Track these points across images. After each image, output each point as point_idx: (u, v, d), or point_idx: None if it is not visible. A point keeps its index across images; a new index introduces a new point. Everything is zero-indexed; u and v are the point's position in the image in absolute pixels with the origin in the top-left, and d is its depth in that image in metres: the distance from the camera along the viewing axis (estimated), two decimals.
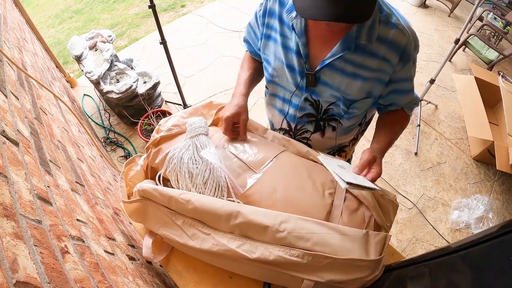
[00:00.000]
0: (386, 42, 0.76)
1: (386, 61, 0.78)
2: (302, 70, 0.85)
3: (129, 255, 0.90)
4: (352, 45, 0.76)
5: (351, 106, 0.86)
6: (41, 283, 0.43)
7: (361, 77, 0.81)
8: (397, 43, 0.76)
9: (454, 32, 3.83)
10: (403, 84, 0.85)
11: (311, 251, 0.73)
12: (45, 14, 4.14)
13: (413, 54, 0.80)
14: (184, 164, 0.85)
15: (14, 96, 0.76)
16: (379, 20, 0.75)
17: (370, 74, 0.80)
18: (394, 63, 0.79)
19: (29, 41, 1.64)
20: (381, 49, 0.77)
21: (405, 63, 0.80)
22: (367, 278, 0.75)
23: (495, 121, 2.71)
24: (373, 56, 0.78)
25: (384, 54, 0.77)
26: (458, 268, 0.63)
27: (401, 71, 0.81)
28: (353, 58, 0.78)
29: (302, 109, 0.93)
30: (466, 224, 2.07)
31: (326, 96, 0.87)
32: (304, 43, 0.81)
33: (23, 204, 0.51)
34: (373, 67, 0.79)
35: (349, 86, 0.82)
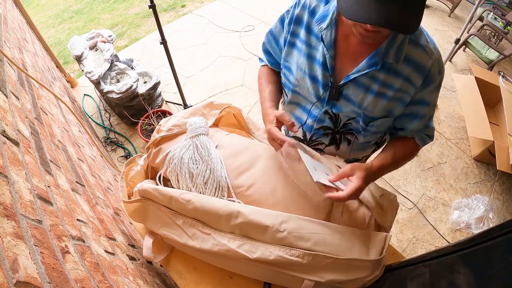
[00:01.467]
0: (411, 62, 0.74)
1: (409, 82, 0.76)
2: (327, 83, 0.82)
3: (130, 255, 0.90)
4: (379, 62, 0.73)
5: (370, 124, 0.84)
6: (42, 283, 0.43)
7: (384, 96, 0.78)
8: (422, 65, 0.74)
9: (454, 32, 3.83)
10: (421, 108, 0.82)
11: (312, 251, 0.73)
12: (45, 14, 4.14)
13: (437, 78, 0.77)
14: (184, 164, 0.85)
15: (15, 96, 0.76)
16: (408, 39, 0.73)
17: (393, 93, 0.78)
18: (417, 85, 0.76)
19: (30, 41, 1.64)
20: (406, 69, 0.75)
21: (427, 85, 0.77)
22: (368, 278, 0.75)
23: (495, 121, 2.70)
24: (398, 76, 0.76)
25: (408, 74, 0.75)
26: (458, 268, 0.63)
27: (421, 93, 0.78)
28: (379, 76, 0.76)
29: (321, 121, 0.90)
30: (467, 224, 2.06)
31: (347, 111, 0.84)
32: (332, 55, 0.78)
33: (23, 204, 0.51)
34: (397, 87, 0.77)
35: (372, 104, 0.80)
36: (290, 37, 0.86)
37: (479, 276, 0.56)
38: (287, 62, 0.89)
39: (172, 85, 2.26)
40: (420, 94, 0.78)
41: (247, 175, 0.85)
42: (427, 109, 0.82)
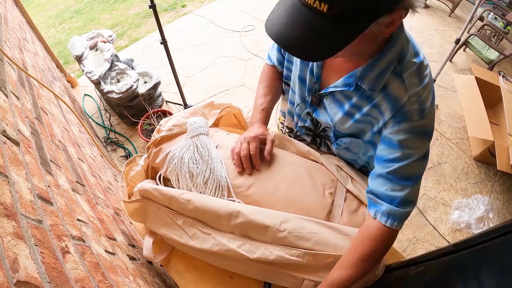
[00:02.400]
0: (385, 90, 0.67)
1: (378, 109, 0.70)
2: (311, 88, 0.84)
3: (130, 255, 0.90)
4: (353, 85, 0.70)
5: (339, 139, 0.86)
6: (42, 282, 0.43)
7: (352, 116, 0.76)
8: (394, 97, 0.66)
9: (454, 32, 3.82)
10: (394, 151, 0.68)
11: (312, 251, 0.73)
12: (45, 14, 4.15)
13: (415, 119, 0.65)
14: (184, 164, 0.85)
15: (15, 96, 0.76)
16: (393, 69, 0.65)
17: (360, 116, 0.74)
18: (386, 117, 0.68)
19: (30, 41, 1.64)
20: (377, 95, 0.69)
21: (399, 122, 0.66)
22: (368, 278, 0.75)
23: (495, 121, 2.70)
24: (368, 101, 0.71)
25: (378, 102, 0.69)
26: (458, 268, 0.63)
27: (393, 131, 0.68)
28: (353, 96, 0.73)
29: (303, 121, 0.94)
30: (467, 224, 2.06)
31: (323, 120, 0.87)
32: (319, 64, 0.79)
33: (23, 204, 0.51)
34: (365, 111, 0.72)
35: (341, 121, 0.79)
36: None
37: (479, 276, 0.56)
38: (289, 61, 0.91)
39: (172, 85, 2.26)
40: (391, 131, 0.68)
41: (247, 175, 0.85)
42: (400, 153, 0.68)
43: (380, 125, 0.71)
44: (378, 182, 0.72)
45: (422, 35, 3.73)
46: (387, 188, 0.70)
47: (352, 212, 0.83)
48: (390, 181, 0.70)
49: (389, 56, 0.64)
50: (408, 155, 0.67)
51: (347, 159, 0.94)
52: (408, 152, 0.67)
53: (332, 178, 0.87)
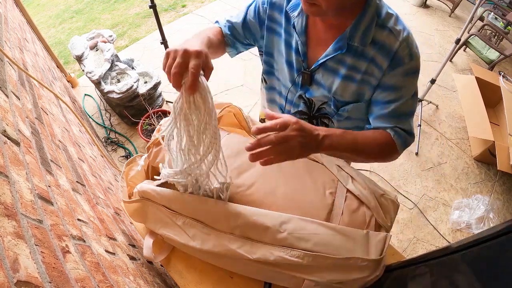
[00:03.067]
0: (377, 44, 0.74)
1: (374, 63, 0.75)
2: (300, 68, 0.85)
3: (130, 255, 0.90)
4: (345, 46, 0.75)
5: (341, 108, 0.85)
6: (42, 282, 0.43)
7: (352, 79, 0.79)
8: (387, 46, 0.73)
9: (454, 32, 3.82)
10: (388, 94, 0.78)
11: (312, 252, 0.73)
12: (45, 14, 4.15)
13: (406, 62, 0.74)
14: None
15: (15, 96, 0.76)
16: (376, 23, 0.73)
17: (361, 76, 0.78)
18: (383, 67, 0.75)
19: (30, 41, 1.64)
20: (371, 51, 0.74)
21: (394, 68, 0.74)
22: (368, 278, 0.75)
23: (495, 121, 2.70)
24: (364, 58, 0.76)
25: (373, 56, 0.75)
26: (458, 268, 0.63)
27: (388, 76, 0.76)
28: (346, 59, 0.77)
29: (296, 106, 0.93)
30: (467, 224, 2.06)
31: (319, 96, 0.86)
32: (303, 42, 0.81)
33: (24, 204, 0.51)
34: (363, 70, 0.77)
35: (341, 88, 0.81)
36: (269, 22, 0.87)
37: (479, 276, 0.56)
38: (269, 48, 0.91)
39: None
40: (387, 77, 0.76)
41: (248, 175, 0.85)
42: (396, 95, 0.77)
43: (379, 78, 0.77)
44: (381, 120, 0.80)
45: (422, 35, 3.72)
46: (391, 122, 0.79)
47: (353, 212, 0.83)
48: (392, 118, 0.79)
49: (370, 12, 0.71)
50: (403, 94, 0.77)
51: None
52: (403, 92, 0.77)
53: (332, 178, 0.87)
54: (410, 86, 0.77)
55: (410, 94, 0.78)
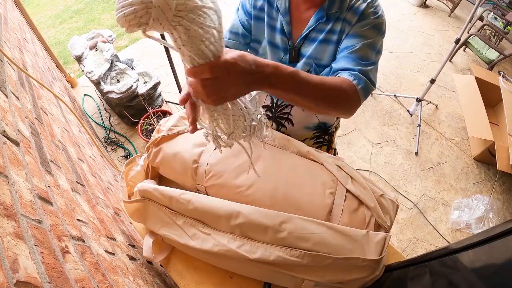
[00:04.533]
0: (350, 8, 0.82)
1: (346, 22, 0.83)
2: (285, 47, 0.90)
3: (130, 255, 0.90)
4: (324, 15, 0.83)
5: (321, 73, 0.89)
6: (42, 283, 0.43)
7: (330, 41, 0.85)
8: (357, 6, 0.82)
9: (454, 32, 3.83)
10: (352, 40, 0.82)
11: (312, 252, 0.73)
12: (45, 14, 4.14)
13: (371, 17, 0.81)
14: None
15: (15, 96, 0.76)
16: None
17: (336, 37, 0.85)
18: (352, 22, 0.83)
19: (30, 41, 1.64)
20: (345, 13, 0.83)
21: (359, 21, 0.82)
22: (368, 278, 0.75)
23: (495, 121, 2.70)
24: (339, 21, 0.84)
25: (345, 16, 0.83)
26: (458, 268, 0.63)
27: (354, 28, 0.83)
28: (325, 26, 0.85)
29: None
30: (467, 224, 2.06)
31: (302, 67, 0.89)
32: (287, 21, 0.88)
33: (23, 204, 0.51)
34: (338, 30, 0.84)
35: (321, 52, 0.87)
36: (254, 11, 0.94)
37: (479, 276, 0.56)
38: (257, 36, 0.97)
39: (172, 85, 2.26)
40: (353, 29, 0.83)
41: (248, 175, 0.85)
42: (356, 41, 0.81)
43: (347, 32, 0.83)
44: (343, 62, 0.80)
45: (422, 35, 3.73)
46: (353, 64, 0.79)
47: (352, 212, 0.83)
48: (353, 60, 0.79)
49: None
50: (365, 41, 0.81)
51: None
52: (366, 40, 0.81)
53: (332, 178, 0.87)
54: (372, 37, 0.81)
55: (372, 44, 0.81)
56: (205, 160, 0.88)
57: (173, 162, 0.91)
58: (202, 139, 0.92)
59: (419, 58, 3.41)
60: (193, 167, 0.88)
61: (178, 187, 0.89)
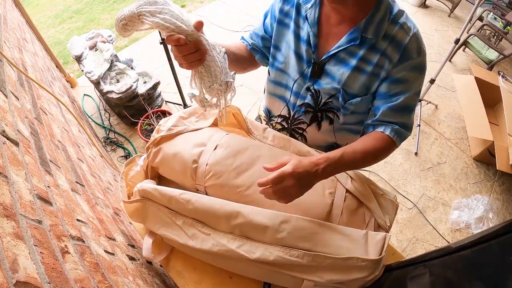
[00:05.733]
0: (389, 38, 0.77)
1: (386, 56, 0.78)
2: (309, 59, 0.86)
3: (129, 255, 0.90)
4: (358, 38, 0.77)
5: (349, 102, 0.86)
6: (41, 283, 0.43)
7: (363, 71, 0.81)
8: (398, 40, 0.76)
9: (454, 32, 3.83)
10: (396, 86, 0.80)
11: (311, 251, 0.73)
12: (45, 14, 4.14)
13: (414, 57, 0.78)
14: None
15: (14, 96, 0.76)
16: (388, 18, 0.77)
17: (372, 69, 0.80)
18: (394, 60, 0.78)
19: (29, 41, 1.64)
20: (383, 44, 0.77)
21: (403, 61, 0.78)
22: (367, 278, 0.75)
23: (495, 121, 2.71)
24: (376, 51, 0.78)
25: (385, 49, 0.77)
26: (458, 268, 0.63)
27: (396, 69, 0.78)
28: (358, 51, 0.79)
29: (302, 98, 0.92)
30: (466, 224, 2.07)
31: (328, 88, 0.86)
32: (315, 33, 0.83)
33: (23, 204, 0.51)
34: (375, 62, 0.79)
35: (351, 79, 0.82)
36: (280, 15, 0.89)
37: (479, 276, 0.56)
38: (277, 41, 0.92)
39: (172, 85, 2.26)
40: (395, 70, 0.78)
41: (247, 175, 0.85)
42: (401, 88, 0.80)
43: (388, 70, 0.79)
44: (384, 113, 0.82)
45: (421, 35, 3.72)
46: (395, 116, 0.82)
47: (352, 212, 0.83)
48: (396, 112, 0.81)
49: (384, 6, 0.76)
50: (408, 88, 0.80)
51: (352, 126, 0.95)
52: (409, 86, 0.79)
53: (331, 178, 0.87)
54: (416, 81, 0.80)
55: (415, 89, 0.81)
56: (204, 160, 0.87)
57: (172, 162, 0.91)
58: (202, 139, 0.92)
59: None
60: (193, 167, 0.88)
61: (177, 187, 0.89)
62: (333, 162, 0.73)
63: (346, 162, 0.75)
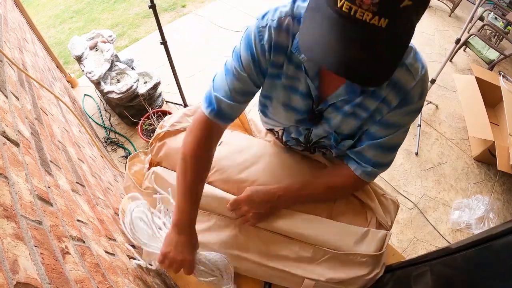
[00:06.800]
0: (391, 82, 0.65)
1: (385, 103, 0.68)
2: (307, 110, 0.76)
3: (130, 256, 0.90)
4: (358, 90, 0.67)
5: (341, 144, 0.79)
6: (42, 284, 0.43)
7: (357, 116, 0.72)
8: (403, 85, 0.65)
9: (454, 32, 3.82)
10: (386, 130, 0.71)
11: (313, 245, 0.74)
12: (45, 14, 4.14)
13: (415, 101, 0.67)
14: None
15: (15, 97, 0.76)
16: None
17: (367, 115, 0.71)
18: (393, 104, 0.67)
19: (30, 41, 1.64)
20: (384, 89, 0.66)
21: (401, 107, 0.67)
22: (368, 277, 0.75)
23: (495, 121, 2.70)
24: (375, 97, 0.68)
25: (385, 95, 0.66)
26: (458, 268, 0.63)
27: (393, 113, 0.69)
28: (354, 98, 0.69)
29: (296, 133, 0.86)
30: (467, 224, 2.06)
31: (318, 132, 0.80)
32: (317, 86, 0.70)
33: (23, 205, 0.51)
34: (371, 108, 0.69)
35: (344, 124, 0.74)
36: (271, 68, 0.71)
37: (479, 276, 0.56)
38: (269, 92, 0.78)
39: (173, 85, 2.26)
40: (391, 114, 0.69)
41: (251, 171, 0.85)
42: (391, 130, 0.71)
43: (383, 113, 0.70)
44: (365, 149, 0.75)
45: (422, 35, 3.72)
46: (374, 155, 0.75)
47: (354, 211, 0.84)
48: (377, 150, 0.74)
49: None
50: (398, 129, 0.72)
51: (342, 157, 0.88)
52: (400, 127, 0.72)
53: None
54: (409, 123, 0.72)
55: (406, 128, 0.73)
56: None
57: (176, 156, 0.91)
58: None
59: None
60: None
61: None
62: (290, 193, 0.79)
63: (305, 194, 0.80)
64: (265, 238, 0.79)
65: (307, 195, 0.80)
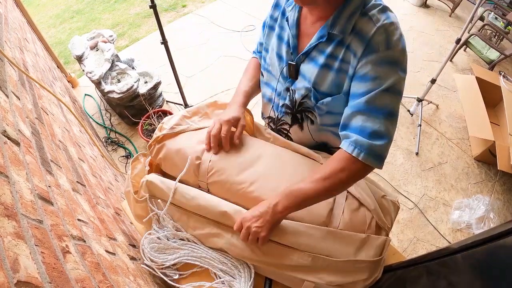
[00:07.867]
0: (354, 30, 0.71)
1: (350, 51, 0.72)
2: (288, 60, 0.86)
3: (130, 255, 0.90)
4: (326, 35, 0.74)
5: (320, 102, 0.81)
6: (42, 283, 0.43)
7: (330, 67, 0.76)
8: (363, 32, 0.69)
9: (455, 32, 3.82)
10: (363, 84, 0.70)
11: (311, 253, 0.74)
12: (46, 14, 4.15)
13: (381, 49, 0.67)
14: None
15: (15, 96, 0.76)
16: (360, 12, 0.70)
17: (338, 64, 0.75)
18: (358, 53, 0.70)
19: (30, 41, 1.64)
20: (348, 38, 0.72)
21: (367, 55, 0.69)
22: (367, 282, 0.75)
23: (496, 121, 2.70)
24: (342, 45, 0.73)
25: (349, 42, 0.72)
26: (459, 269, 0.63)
27: (362, 64, 0.70)
28: (326, 48, 0.76)
29: (283, 98, 0.92)
30: (467, 224, 2.06)
31: (300, 88, 0.84)
32: (294, 34, 0.82)
33: (24, 204, 0.51)
34: (340, 57, 0.74)
35: (319, 77, 0.78)
36: (270, 20, 0.92)
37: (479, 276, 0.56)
38: (266, 44, 0.95)
39: (173, 85, 2.26)
40: (360, 65, 0.70)
41: (250, 172, 0.85)
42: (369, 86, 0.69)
43: (354, 66, 0.72)
44: (349, 116, 0.73)
45: (422, 35, 3.72)
46: (358, 120, 0.71)
47: (354, 211, 0.83)
48: (360, 112, 0.71)
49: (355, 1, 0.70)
50: (376, 84, 0.69)
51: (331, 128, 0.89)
52: (376, 82, 0.69)
53: None
54: (385, 77, 0.68)
55: (386, 86, 0.68)
56: (208, 157, 0.87)
57: (175, 158, 0.91)
58: (205, 136, 0.92)
59: (420, 58, 3.40)
60: (196, 163, 0.88)
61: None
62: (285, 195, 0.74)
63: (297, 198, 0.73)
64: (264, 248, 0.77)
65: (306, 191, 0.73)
